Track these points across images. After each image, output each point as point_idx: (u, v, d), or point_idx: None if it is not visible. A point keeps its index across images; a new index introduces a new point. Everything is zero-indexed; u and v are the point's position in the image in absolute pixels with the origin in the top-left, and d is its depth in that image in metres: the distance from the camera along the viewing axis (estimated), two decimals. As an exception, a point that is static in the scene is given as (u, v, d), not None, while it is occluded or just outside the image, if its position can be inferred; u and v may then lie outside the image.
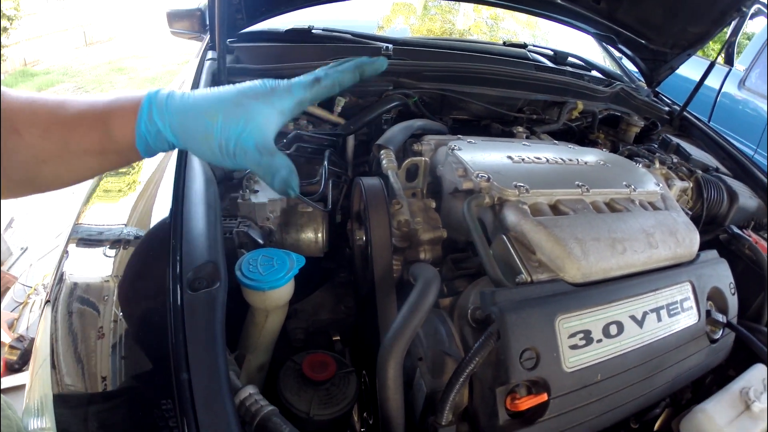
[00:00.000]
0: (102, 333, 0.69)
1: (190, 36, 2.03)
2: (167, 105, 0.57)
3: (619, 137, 1.58)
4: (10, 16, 6.95)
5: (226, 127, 0.56)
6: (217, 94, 0.58)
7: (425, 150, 1.01)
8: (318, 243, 0.89)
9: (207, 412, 0.46)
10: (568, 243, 0.72)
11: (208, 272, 0.59)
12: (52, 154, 0.55)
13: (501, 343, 0.62)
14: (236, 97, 0.58)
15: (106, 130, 0.56)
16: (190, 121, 0.57)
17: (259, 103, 0.58)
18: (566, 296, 0.69)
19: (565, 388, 0.66)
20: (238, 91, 0.59)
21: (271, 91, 0.59)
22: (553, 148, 1.07)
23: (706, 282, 0.86)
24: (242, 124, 0.57)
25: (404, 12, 3.58)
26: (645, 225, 0.83)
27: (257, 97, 0.58)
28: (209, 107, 0.57)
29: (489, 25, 3.37)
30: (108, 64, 8.23)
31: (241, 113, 0.57)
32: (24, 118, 0.54)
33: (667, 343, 0.78)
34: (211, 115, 0.56)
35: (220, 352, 0.51)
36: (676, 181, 1.14)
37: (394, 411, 0.62)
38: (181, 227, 0.67)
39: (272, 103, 0.59)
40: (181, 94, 0.59)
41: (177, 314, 0.54)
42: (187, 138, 0.57)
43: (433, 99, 1.41)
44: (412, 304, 0.64)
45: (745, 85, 3.25)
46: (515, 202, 0.78)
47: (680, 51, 1.64)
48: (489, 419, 0.66)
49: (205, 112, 0.57)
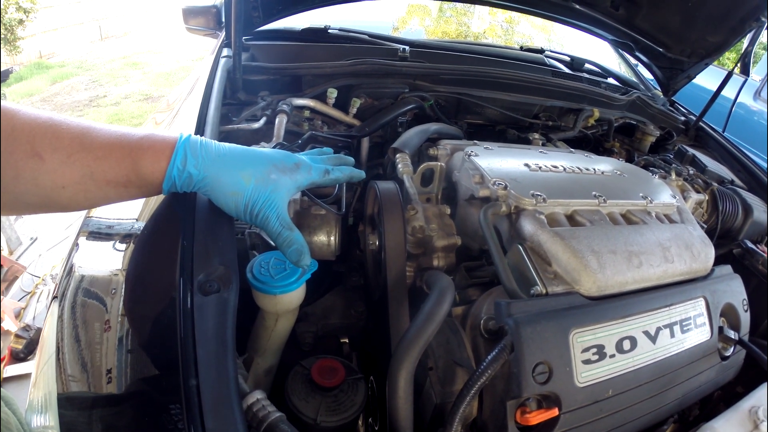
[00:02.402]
0: (108, 326, 0.68)
1: (206, 33, 2.03)
2: (202, 154, 0.62)
3: (634, 146, 1.56)
4: (26, 8, 7.02)
5: (256, 191, 0.62)
6: (251, 155, 0.65)
7: (441, 155, 1.00)
8: (330, 246, 0.89)
9: (215, 419, 0.45)
10: (585, 255, 0.71)
11: (220, 275, 0.58)
12: (73, 181, 0.56)
13: (514, 355, 0.61)
14: (269, 166, 0.65)
15: (135, 166, 0.58)
16: (224, 175, 0.62)
17: (286, 177, 0.66)
18: (581, 310, 0.67)
19: (576, 403, 0.65)
20: (269, 161, 0.65)
21: (295, 167, 0.67)
22: (570, 157, 1.06)
23: (719, 298, 0.85)
24: (269, 193, 0.63)
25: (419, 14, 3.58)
26: (661, 238, 0.81)
27: (285, 172, 0.66)
28: (244, 168, 0.63)
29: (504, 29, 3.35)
30: (123, 58, 8.29)
31: (270, 183, 0.64)
32: (46, 142, 0.54)
33: (679, 359, 0.76)
34: (246, 177, 0.62)
35: (230, 359, 0.50)
36: (692, 193, 1.13)
37: (403, 421, 0.61)
38: (192, 227, 0.66)
39: (295, 178, 0.67)
40: (214, 144, 0.64)
41: (187, 317, 0.53)
42: (216, 188, 0.62)
43: (448, 102, 1.41)
44: (427, 314, 0.64)
45: (760, 96, 3.21)
46: (532, 212, 0.77)
47: (698, 60, 1.62)
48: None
49: (241, 172, 0.62)
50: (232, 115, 1.22)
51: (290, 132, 1.17)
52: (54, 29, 8.44)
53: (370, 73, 1.35)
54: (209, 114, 1.00)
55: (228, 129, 1.12)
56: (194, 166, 0.60)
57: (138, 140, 0.59)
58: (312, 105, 1.28)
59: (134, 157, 0.58)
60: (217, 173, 0.61)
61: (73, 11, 8.95)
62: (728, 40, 1.51)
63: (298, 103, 1.26)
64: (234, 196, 0.62)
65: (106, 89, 6.66)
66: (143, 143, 0.59)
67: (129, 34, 10.28)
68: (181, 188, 0.62)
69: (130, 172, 0.58)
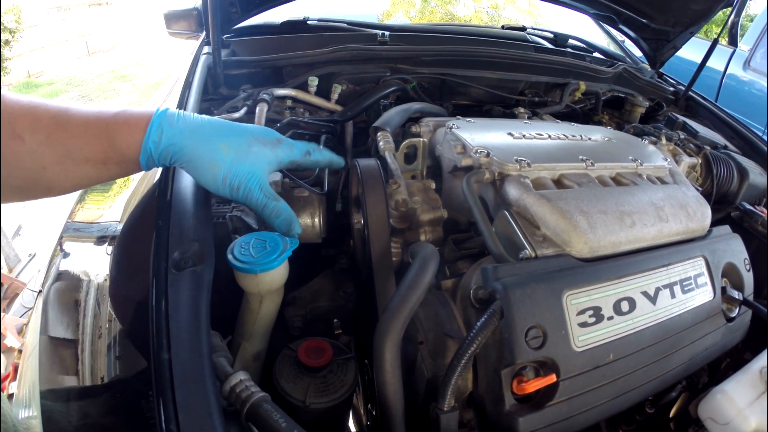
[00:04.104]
0: (83, 308, 0.66)
1: (188, 36, 2.02)
2: (180, 126, 0.60)
3: (623, 118, 1.54)
4: (11, 29, 7.00)
5: (235, 163, 0.60)
6: (230, 127, 0.63)
7: (424, 132, 0.98)
8: (315, 228, 0.86)
9: (185, 392, 0.43)
10: (573, 216, 0.68)
11: (195, 252, 0.56)
12: (53, 161, 0.55)
13: (505, 320, 0.58)
14: (249, 137, 0.63)
15: (111, 141, 0.57)
16: (201, 146, 0.60)
17: (267, 150, 0.64)
18: (574, 271, 0.65)
19: (575, 368, 0.62)
20: (249, 132, 0.64)
21: (277, 141, 0.66)
22: (556, 126, 1.03)
23: (720, 257, 0.82)
24: (249, 165, 0.61)
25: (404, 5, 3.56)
26: (654, 198, 0.79)
27: (266, 144, 0.64)
28: (223, 138, 0.61)
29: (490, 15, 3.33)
30: (111, 72, 8.28)
31: (251, 154, 0.62)
32: (26, 123, 0.54)
33: (683, 320, 0.74)
34: (225, 148, 0.60)
35: (203, 333, 0.47)
36: (684, 157, 1.10)
37: (392, 396, 0.58)
38: (169, 208, 0.64)
39: (276, 153, 0.65)
40: (192, 116, 0.62)
41: (161, 293, 0.51)
42: (193, 160, 0.60)
43: (432, 84, 1.39)
44: (410, 282, 0.61)
45: (750, 66, 3.18)
46: (516, 177, 0.74)
47: (682, 29, 1.59)
48: (495, 404, 0.62)
49: (219, 142, 0.60)
50: (215, 110, 1.21)
51: (271, 120, 1.15)
52: (41, 48, 8.44)
53: (350, 59, 1.33)
54: (188, 106, 0.99)
55: (208, 121, 1.10)
56: (171, 137, 0.59)
57: (113, 115, 0.58)
58: (293, 94, 1.26)
59: (110, 132, 0.57)
60: (195, 144, 0.59)
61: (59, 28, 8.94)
62: (712, 7, 1.49)
63: (280, 93, 1.24)
64: (212, 168, 0.60)
65: (96, 103, 6.65)
66: (119, 118, 0.58)
67: (116, 48, 10.27)
68: (159, 161, 0.60)
69: (107, 148, 0.57)
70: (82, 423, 0.56)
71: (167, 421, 0.41)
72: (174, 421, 0.41)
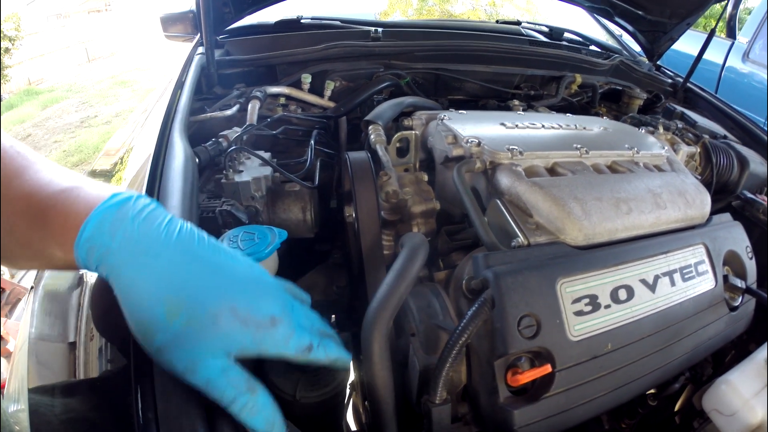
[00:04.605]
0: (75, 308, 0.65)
1: (185, 38, 2.02)
2: (125, 229, 0.42)
3: (621, 111, 1.52)
4: (11, 36, 7.04)
5: (183, 337, 0.41)
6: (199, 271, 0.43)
7: (416, 125, 0.96)
8: (307, 222, 0.85)
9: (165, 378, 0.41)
10: (567, 202, 0.66)
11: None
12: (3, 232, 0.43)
13: (496, 309, 0.57)
14: (220, 305, 0.42)
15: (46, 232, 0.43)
16: (140, 286, 0.41)
17: (243, 331, 0.43)
18: (568, 258, 0.63)
19: (571, 359, 0.60)
20: (226, 295, 0.43)
21: (270, 323, 0.45)
22: (550, 116, 1.02)
23: (721, 245, 0.80)
24: (204, 348, 0.41)
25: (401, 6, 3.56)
26: (651, 185, 0.77)
27: (246, 323, 0.43)
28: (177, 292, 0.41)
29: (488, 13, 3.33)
30: (111, 78, 8.32)
31: (212, 333, 0.42)
32: None
33: (684, 309, 0.72)
34: (172, 311, 0.41)
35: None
36: (682, 146, 1.09)
37: (381, 389, 0.57)
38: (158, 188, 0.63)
39: (257, 338, 0.44)
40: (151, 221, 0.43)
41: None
42: (124, 298, 0.42)
43: (426, 80, 1.38)
44: (397, 271, 0.59)
45: (749, 58, 3.15)
46: (508, 165, 0.73)
47: (679, 20, 1.58)
48: (489, 397, 0.60)
49: (168, 293, 0.41)
50: (208, 108, 1.20)
51: (264, 117, 1.14)
52: (41, 55, 8.48)
53: (343, 56, 1.33)
54: (180, 104, 0.98)
55: (200, 118, 1.10)
56: (104, 249, 0.41)
57: (55, 194, 0.43)
58: (286, 92, 1.26)
59: (45, 219, 0.42)
60: (132, 276, 0.41)
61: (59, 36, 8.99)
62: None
63: (273, 91, 1.23)
64: (142, 326, 0.41)
65: (97, 109, 6.69)
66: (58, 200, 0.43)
67: (116, 54, 10.31)
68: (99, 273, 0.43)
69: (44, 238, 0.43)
70: (67, 417, 0.54)
71: (144, 409, 0.40)
72: (152, 408, 0.40)
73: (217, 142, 0.94)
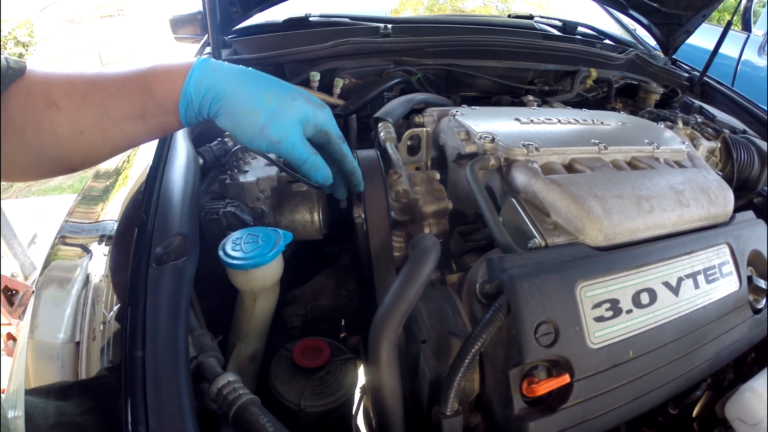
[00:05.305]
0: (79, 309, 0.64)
1: (194, 40, 2.02)
2: (220, 70, 0.58)
3: (638, 106, 1.48)
4: (25, 42, 7.14)
5: (277, 113, 0.58)
6: (273, 79, 0.61)
7: (427, 121, 0.93)
8: (315, 224, 0.83)
9: (158, 392, 0.39)
10: (586, 201, 0.63)
11: (177, 246, 0.52)
12: (90, 123, 0.55)
13: (512, 316, 0.54)
14: (293, 91, 0.61)
15: (150, 92, 0.56)
16: (241, 90, 0.58)
17: (310, 108, 0.62)
18: (588, 260, 0.60)
19: (591, 368, 0.57)
20: (294, 87, 0.62)
21: (321, 106, 0.64)
22: (566, 111, 0.98)
23: (744, 244, 0.76)
24: (291, 118, 0.59)
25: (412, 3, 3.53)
26: (673, 182, 0.73)
27: (310, 102, 0.62)
28: (267, 87, 0.59)
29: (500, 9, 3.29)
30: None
31: (295, 107, 0.60)
32: (61, 91, 0.54)
33: (707, 313, 0.68)
34: (267, 96, 0.58)
35: (181, 330, 0.44)
36: (702, 141, 1.04)
37: (389, 399, 0.54)
38: (156, 203, 0.61)
39: (317, 114, 0.63)
40: (234, 64, 0.60)
41: (140, 289, 0.48)
42: (231, 105, 0.58)
43: (437, 76, 1.35)
44: (407, 275, 0.56)
45: (765, 51, 3.08)
46: (524, 162, 0.69)
47: (694, 12, 1.53)
48: (503, 408, 0.57)
49: (263, 89, 0.59)
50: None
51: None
52: (54, 60, 8.59)
53: (352, 53, 1.30)
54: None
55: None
56: (212, 81, 0.57)
57: (150, 68, 0.57)
58: (294, 90, 1.23)
59: (148, 84, 0.56)
60: (236, 88, 0.57)
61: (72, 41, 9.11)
62: (724, -12, 1.42)
63: (280, 89, 1.21)
64: (250, 115, 0.57)
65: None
66: (157, 69, 0.57)
67: (129, 58, 10.41)
68: (200, 110, 0.58)
69: (145, 100, 0.56)
70: (57, 421, 0.53)
71: (135, 423, 0.37)
72: (144, 423, 0.37)
73: (223, 141, 0.93)
